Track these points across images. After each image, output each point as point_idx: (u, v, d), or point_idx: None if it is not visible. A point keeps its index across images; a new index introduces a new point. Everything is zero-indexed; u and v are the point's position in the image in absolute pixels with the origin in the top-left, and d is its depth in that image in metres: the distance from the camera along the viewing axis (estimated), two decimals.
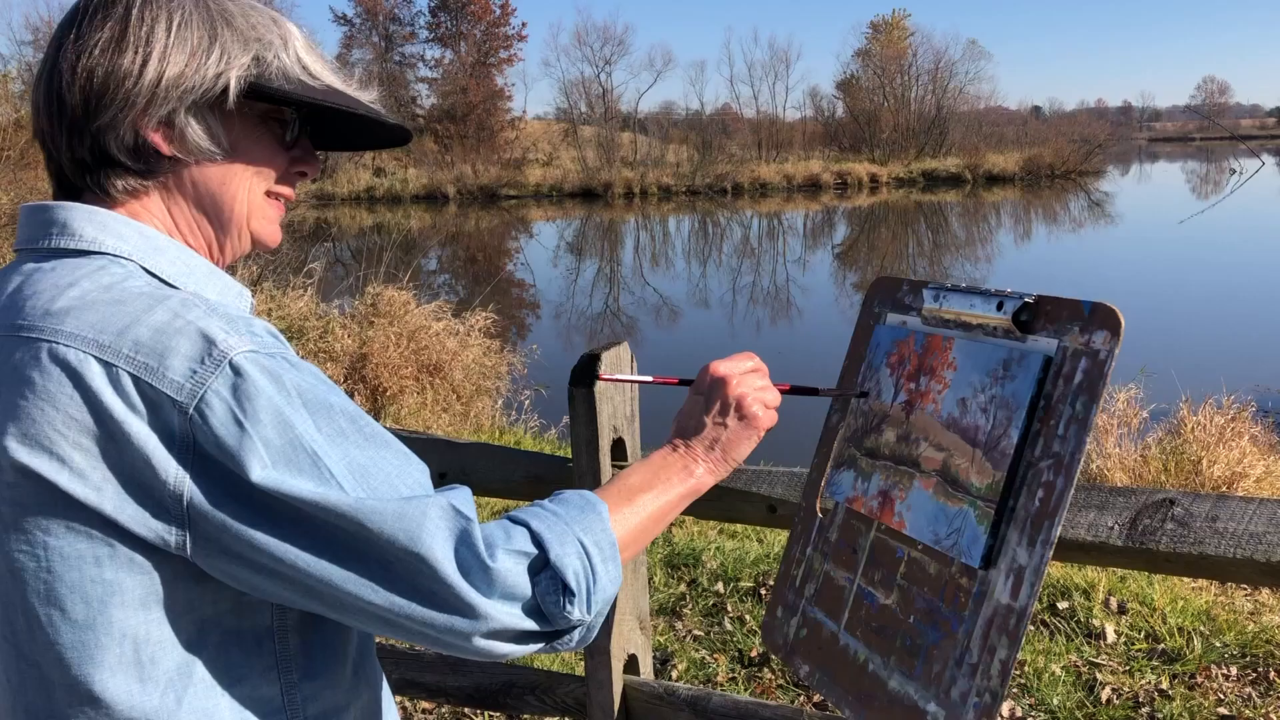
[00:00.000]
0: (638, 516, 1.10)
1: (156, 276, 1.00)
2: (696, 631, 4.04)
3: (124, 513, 0.89)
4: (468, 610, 0.93)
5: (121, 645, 0.93)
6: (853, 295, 19.24)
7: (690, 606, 4.24)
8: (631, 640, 2.31)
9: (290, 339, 8.36)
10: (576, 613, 0.98)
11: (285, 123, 1.09)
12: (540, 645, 0.99)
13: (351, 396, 7.90)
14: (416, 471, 0.98)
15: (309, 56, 1.09)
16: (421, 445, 2.38)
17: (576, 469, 2.17)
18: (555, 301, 19.77)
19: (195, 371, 0.89)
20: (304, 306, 9.00)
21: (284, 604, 0.96)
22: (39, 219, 1.02)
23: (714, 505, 2.12)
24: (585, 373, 2.16)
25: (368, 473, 0.94)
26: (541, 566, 0.97)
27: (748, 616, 4.12)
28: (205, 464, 0.89)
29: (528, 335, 15.72)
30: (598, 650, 2.22)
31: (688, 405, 1.25)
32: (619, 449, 2.22)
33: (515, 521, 1.00)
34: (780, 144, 55.67)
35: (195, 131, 1.03)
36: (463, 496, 0.97)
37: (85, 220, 1.00)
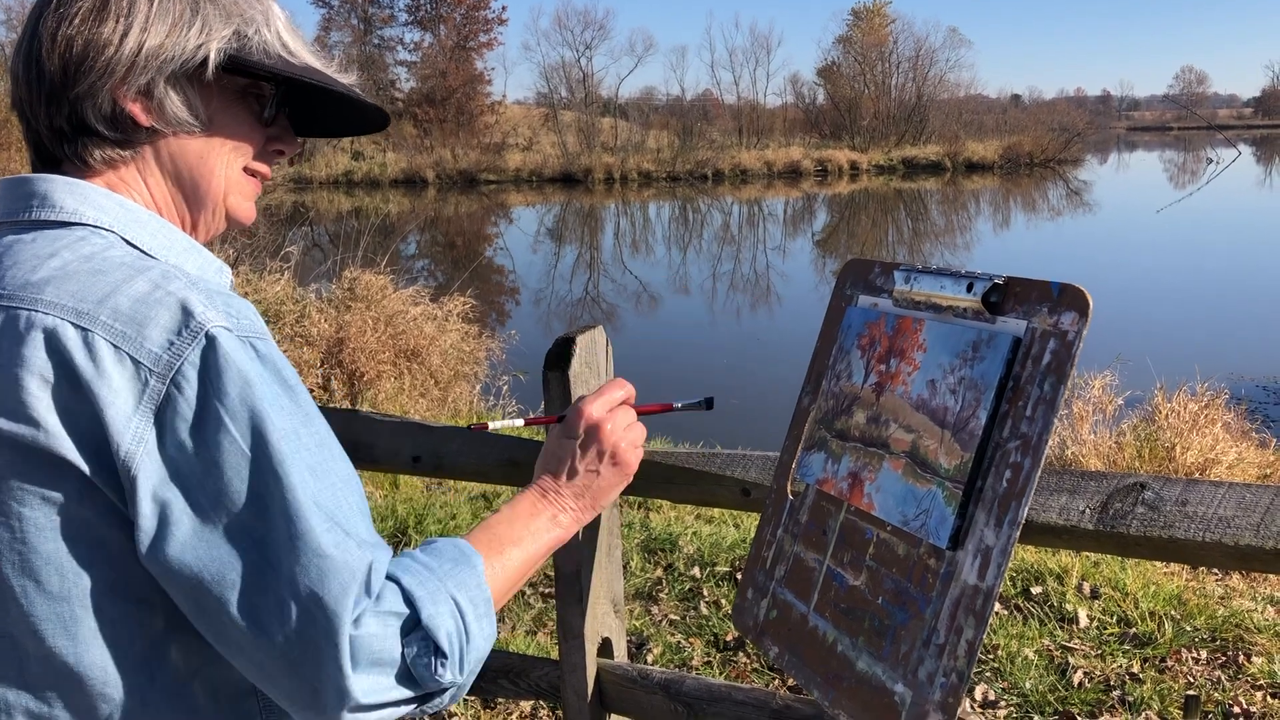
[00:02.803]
0: (507, 571, 1.07)
1: (137, 248, 1.00)
2: (672, 616, 4.04)
3: (99, 476, 0.88)
4: (333, 677, 0.88)
5: (97, 619, 0.92)
6: (832, 282, 19.26)
7: (666, 591, 4.25)
8: (606, 624, 2.31)
9: (267, 323, 8.29)
10: (449, 675, 0.93)
11: (264, 99, 1.09)
12: (410, 709, 0.95)
13: (329, 381, 7.86)
14: (360, 501, 0.96)
15: (289, 36, 1.08)
16: (396, 428, 2.36)
17: None
18: (534, 287, 19.73)
19: (173, 343, 0.89)
20: (281, 290, 8.94)
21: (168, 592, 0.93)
22: (18, 191, 1.01)
23: (689, 489, 2.13)
24: (560, 357, 2.15)
25: (320, 472, 0.92)
26: (413, 627, 0.92)
27: (723, 601, 4.13)
28: (164, 436, 0.88)
29: (507, 321, 15.70)
30: (571, 634, 2.22)
31: (555, 444, 1.22)
32: None
33: (386, 576, 0.95)
34: (761, 130, 55.65)
35: (173, 102, 1.02)
36: (383, 561, 0.94)
37: (65, 192, 1.00)
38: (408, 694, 0.93)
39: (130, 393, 0.88)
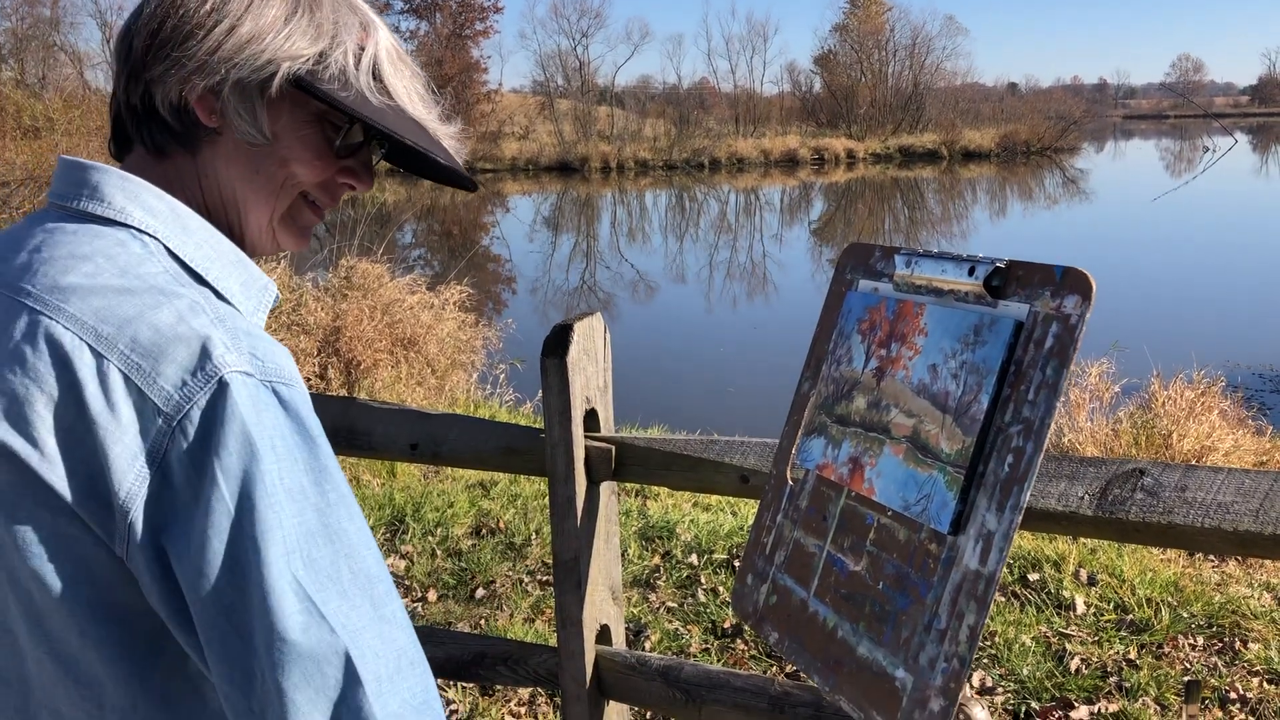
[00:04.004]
0: None
1: (178, 259, 0.96)
2: (670, 603, 4.05)
3: (84, 508, 0.85)
4: None
5: (80, 639, 0.89)
6: (829, 271, 19.26)
7: (664, 578, 4.25)
8: (604, 611, 2.31)
9: None
10: None
11: (339, 128, 1.04)
12: None
13: (325, 369, 7.85)
14: (368, 568, 0.89)
15: (390, 68, 1.03)
16: (393, 416, 2.36)
17: (549, 440, 2.16)
18: (531, 276, 19.71)
19: (185, 383, 0.85)
20: (277, 279, 8.90)
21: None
22: (73, 176, 0.98)
23: (687, 476, 2.13)
24: (558, 343, 2.14)
25: (315, 541, 0.87)
26: None
27: (721, 588, 4.14)
28: (164, 481, 0.85)
29: (503, 310, 15.68)
30: (570, 621, 2.22)
31: None
32: (592, 419, 2.21)
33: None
34: (757, 119, 55.58)
35: (236, 110, 0.98)
36: (372, 649, 0.87)
37: (116, 187, 0.96)
38: None
39: (137, 431, 0.84)
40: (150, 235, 0.95)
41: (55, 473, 0.85)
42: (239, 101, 0.98)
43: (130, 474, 0.84)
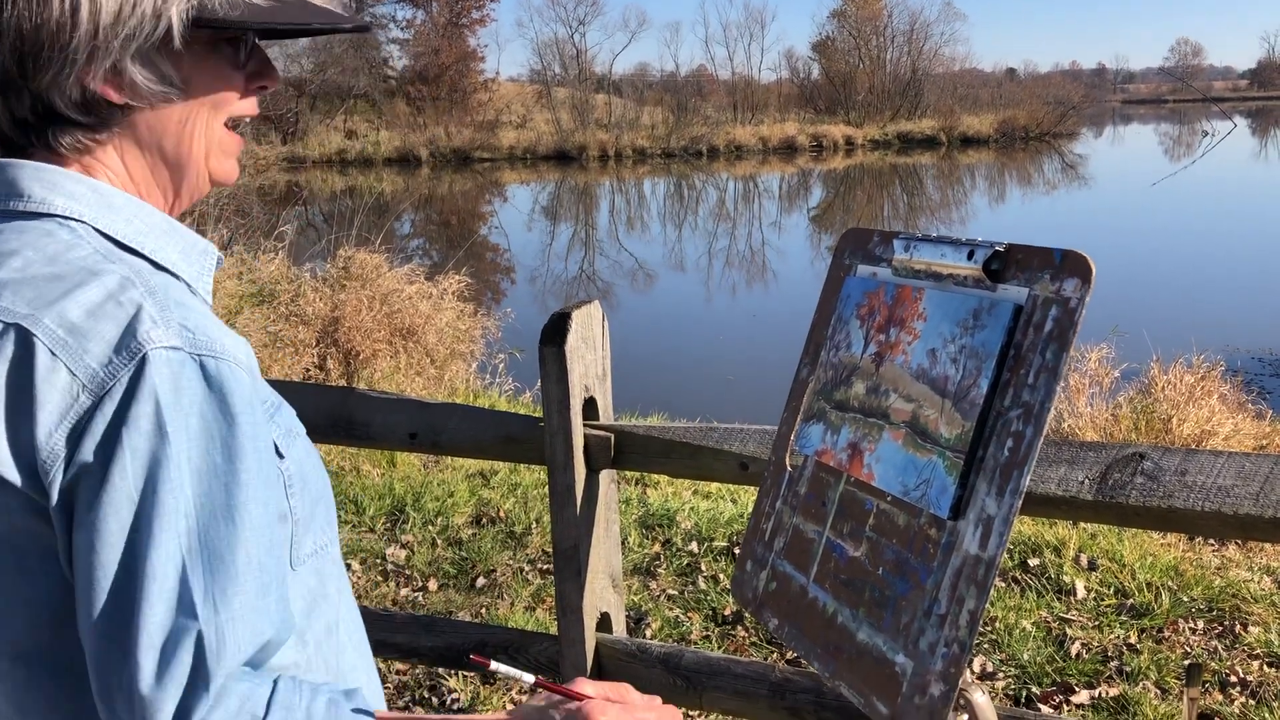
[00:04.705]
0: None
1: (110, 238, 0.95)
2: (670, 591, 4.05)
3: (36, 493, 0.85)
4: None
5: (53, 630, 0.90)
6: (828, 258, 19.20)
7: (664, 566, 4.25)
8: (604, 599, 2.31)
9: (261, 303, 8.29)
10: None
11: (238, 43, 1.01)
12: None
13: (325, 360, 7.84)
14: (260, 556, 0.89)
15: None
16: (393, 406, 2.36)
17: (548, 428, 2.16)
18: (529, 265, 19.69)
19: (111, 361, 0.85)
20: (275, 270, 8.90)
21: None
22: None
23: (687, 463, 2.13)
24: (556, 331, 2.14)
25: (212, 525, 0.87)
26: None
27: (721, 576, 4.14)
28: (77, 456, 0.84)
29: (502, 299, 15.67)
30: (570, 609, 2.22)
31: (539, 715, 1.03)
32: (591, 408, 2.21)
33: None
34: (755, 106, 55.37)
35: (145, 77, 0.95)
36: (240, 638, 0.87)
37: (33, 179, 0.94)
38: None
39: (58, 406, 0.84)
40: (76, 220, 0.94)
41: (3, 459, 0.85)
42: (143, 67, 0.95)
43: (46, 449, 0.84)
